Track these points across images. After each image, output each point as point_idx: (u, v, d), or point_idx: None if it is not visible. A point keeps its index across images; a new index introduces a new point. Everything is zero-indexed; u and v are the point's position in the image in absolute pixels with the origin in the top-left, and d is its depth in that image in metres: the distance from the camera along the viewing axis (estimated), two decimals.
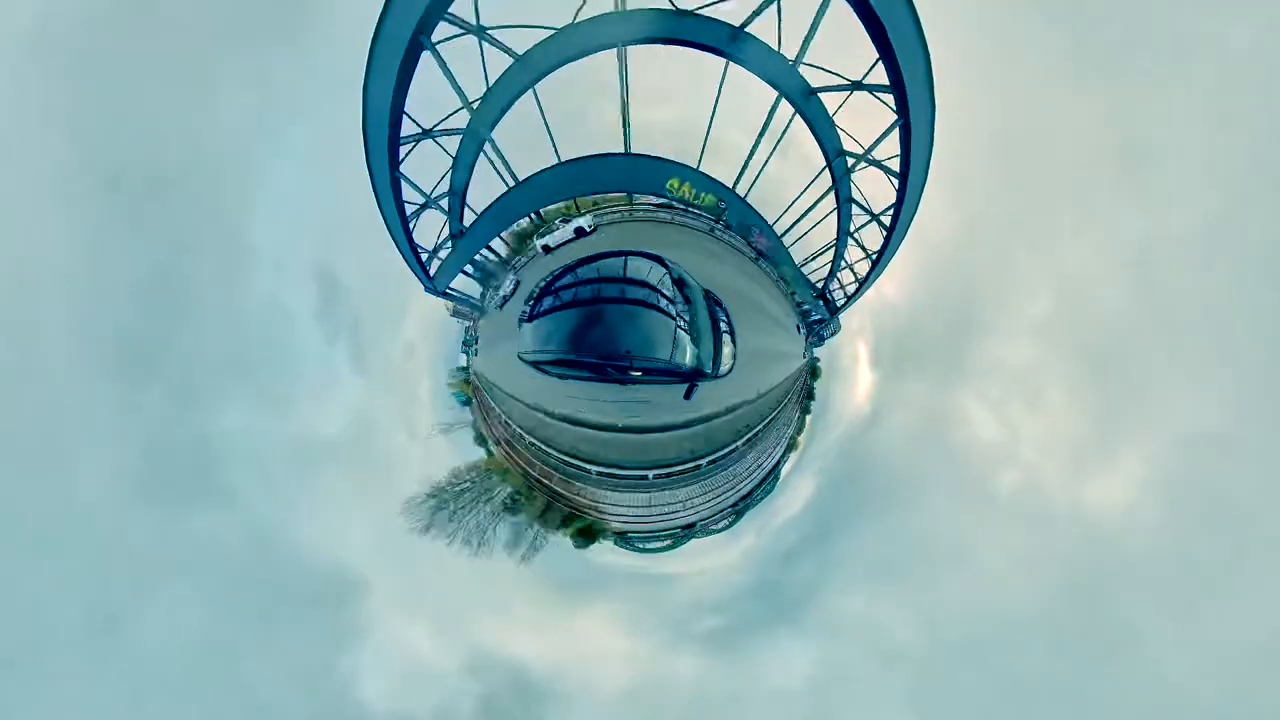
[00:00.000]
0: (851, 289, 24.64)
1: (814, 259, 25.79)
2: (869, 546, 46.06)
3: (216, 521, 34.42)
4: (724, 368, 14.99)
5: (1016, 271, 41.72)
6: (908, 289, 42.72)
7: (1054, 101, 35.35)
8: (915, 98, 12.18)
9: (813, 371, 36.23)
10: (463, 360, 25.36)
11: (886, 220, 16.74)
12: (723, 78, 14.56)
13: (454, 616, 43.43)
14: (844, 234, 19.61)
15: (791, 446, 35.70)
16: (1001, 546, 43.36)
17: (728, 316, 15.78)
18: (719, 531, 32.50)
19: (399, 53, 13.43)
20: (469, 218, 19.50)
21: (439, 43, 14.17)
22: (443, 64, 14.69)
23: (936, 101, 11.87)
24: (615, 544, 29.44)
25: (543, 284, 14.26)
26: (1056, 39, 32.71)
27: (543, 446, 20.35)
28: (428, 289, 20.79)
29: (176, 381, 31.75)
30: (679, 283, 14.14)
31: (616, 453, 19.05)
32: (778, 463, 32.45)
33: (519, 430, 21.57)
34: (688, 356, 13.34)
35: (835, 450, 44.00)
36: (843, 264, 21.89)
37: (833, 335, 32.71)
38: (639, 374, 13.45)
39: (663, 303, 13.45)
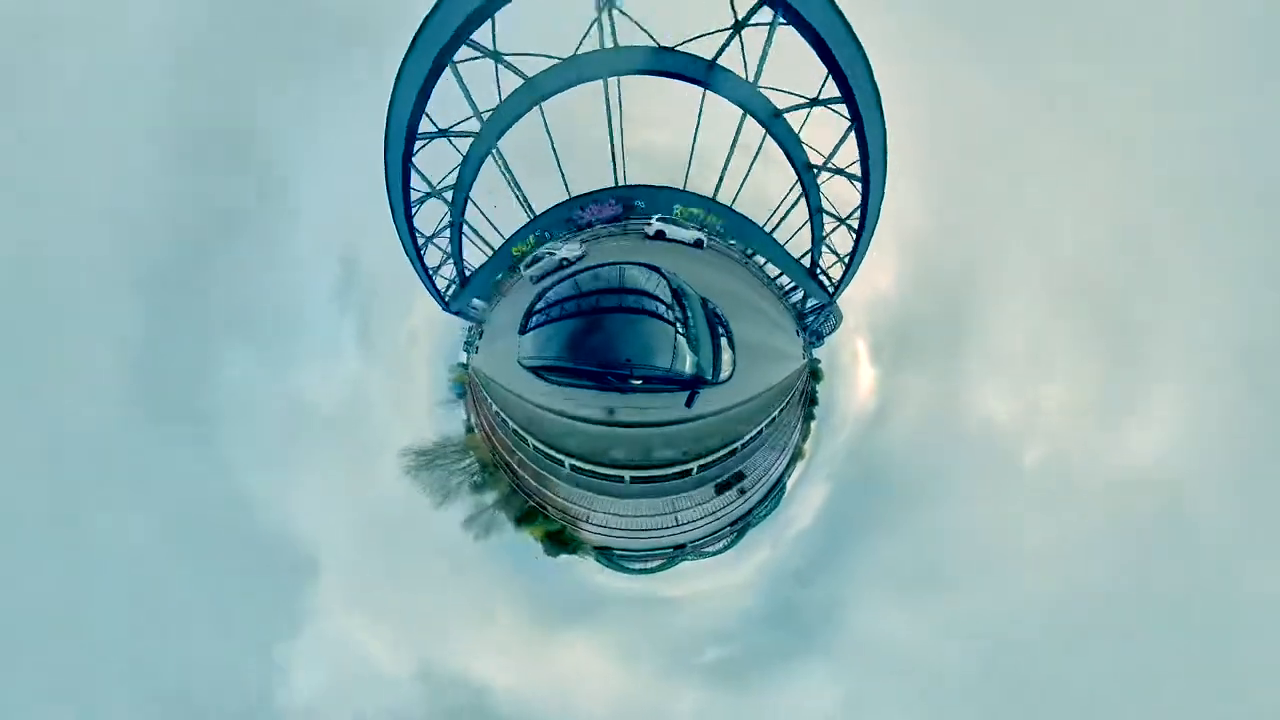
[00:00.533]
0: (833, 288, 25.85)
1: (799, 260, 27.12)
2: (894, 553, 42.29)
3: (190, 453, 33.51)
4: (724, 374, 15.19)
5: (1000, 248, 40.78)
6: (899, 283, 42.06)
7: (997, 90, 36.07)
8: (864, 102, 13.69)
9: (814, 374, 34.54)
10: (463, 357, 26.75)
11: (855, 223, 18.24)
12: (701, 104, 16.41)
13: (417, 622, 40.14)
14: (818, 242, 21.12)
15: (797, 456, 33.18)
16: (1042, 527, 39.62)
17: (725, 322, 16.25)
18: (716, 554, 29.87)
19: (424, 69, 15.43)
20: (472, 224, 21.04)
21: (460, 62, 16.15)
22: (460, 80, 16.76)
23: (883, 101, 13.45)
24: (597, 560, 27.63)
25: (542, 294, 14.95)
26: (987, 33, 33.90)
27: (522, 434, 20.20)
28: (444, 309, 23.62)
29: (193, 312, 32.38)
30: (677, 292, 14.64)
31: (589, 445, 18.52)
32: (782, 475, 29.88)
33: (503, 417, 21.45)
34: (687, 364, 13.64)
35: (844, 453, 41.68)
36: (820, 269, 23.23)
37: (833, 331, 32.76)
38: (639, 382, 13.66)
39: (661, 310, 13.98)
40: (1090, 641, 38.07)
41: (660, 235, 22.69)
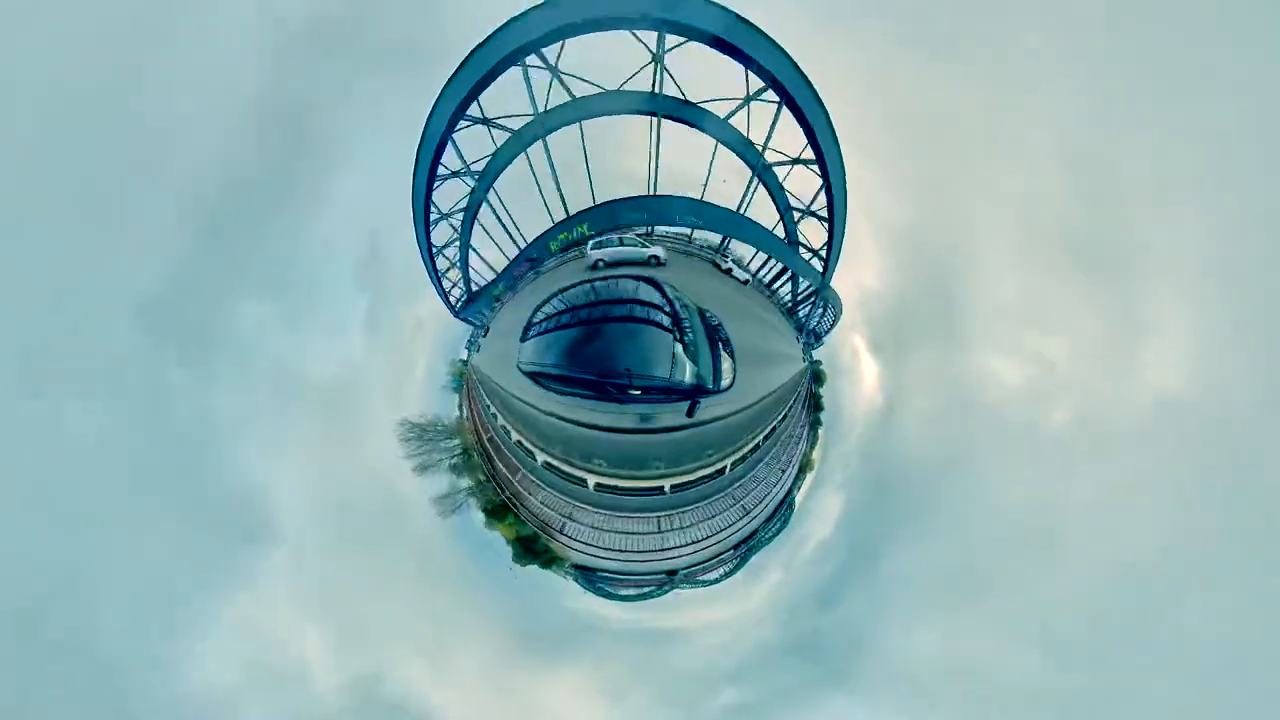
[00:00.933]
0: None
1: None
2: (924, 559, 37.11)
3: (180, 375, 31.44)
4: (724, 382, 15.46)
5: (974, 222, 38.14)
6: (885, 277, 40.12)
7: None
8: (833, 170, 17.26)
9: (816, 377, 33.02)
10: (464, 354, 28.60)
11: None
12: (714, 153, 19.94)
13: (365, 628, 34.95)
14: (797, 269, 24.11)
15: (805, 468, 30.99)
16: (1083, 488, 34.69)
17: (723, 330, 16.82)
18: (713, 582, 27.19)
19: (441, 125, 18.69)
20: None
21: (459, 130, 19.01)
22: (458, 150, 19.79)
23: (846, 171, 17.06)
24: (575, 580, 25.79)
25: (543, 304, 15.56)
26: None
27: (504, 424, 20.54)
28: (453, 314, 26.50)
29: (233, 258, 31.83)
30: (675, 302, 15.32)
31: (561, 445, 18.31)
32: (790, 490, 27.59)
33: (492, 410, 21.84)
34: (686, 373, 13.91)
35: (857, 455, 38.28)
36: (802, 286, 26.26)
37: (835, 324, 32.44)
38: (638, 392, 13.90)
39: (661, 320, 14.61)
40: (1171, 611, 31.82)
41: (600, 264, 21.23)
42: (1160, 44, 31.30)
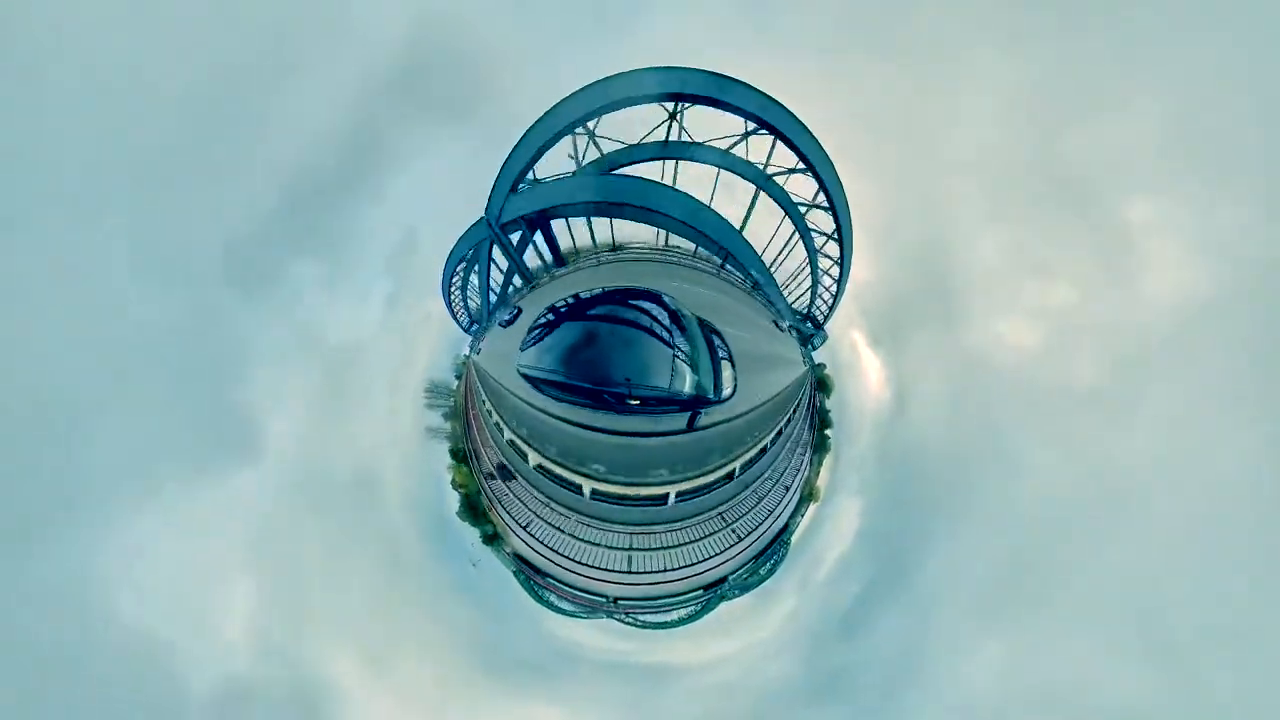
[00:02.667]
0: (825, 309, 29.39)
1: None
2: (972, 560, 32.03)
3: (229, 302, 32.27)
4: (725, 392, 16.09)
5: (943, 192, 36.28)
6: (875, 266, 37.54)
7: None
8: (828, 180, 21.77)
9: (821, 384, 30.99)
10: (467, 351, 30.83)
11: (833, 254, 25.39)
12: (716, 177, 23.63)
13: (302, 603, 31.90)
14: (816, 269, 26.74)
15: (808, 497, 28.23)
16: (1154, 437, 29.74)
17: (724, 341, 17.45)
18: (670, 626, 24.65)
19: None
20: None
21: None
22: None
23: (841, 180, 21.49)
24: (516, 578, 25.56)
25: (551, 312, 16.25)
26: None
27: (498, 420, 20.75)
28: (465, 331, 28.51)
29: (300, 217, 33.32)
30: (676, 315, 16.04)
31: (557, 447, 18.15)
32: (788, 524, 25.24)
33: (487, 405, 22.61)
34: (686, 382, 14.48)
35: (872, 456, 35.05)
36: (820, 289, 28.07)
37: (822, 343, 32.03)
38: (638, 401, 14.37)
39: (660, 331, 15.10)
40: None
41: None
42: None
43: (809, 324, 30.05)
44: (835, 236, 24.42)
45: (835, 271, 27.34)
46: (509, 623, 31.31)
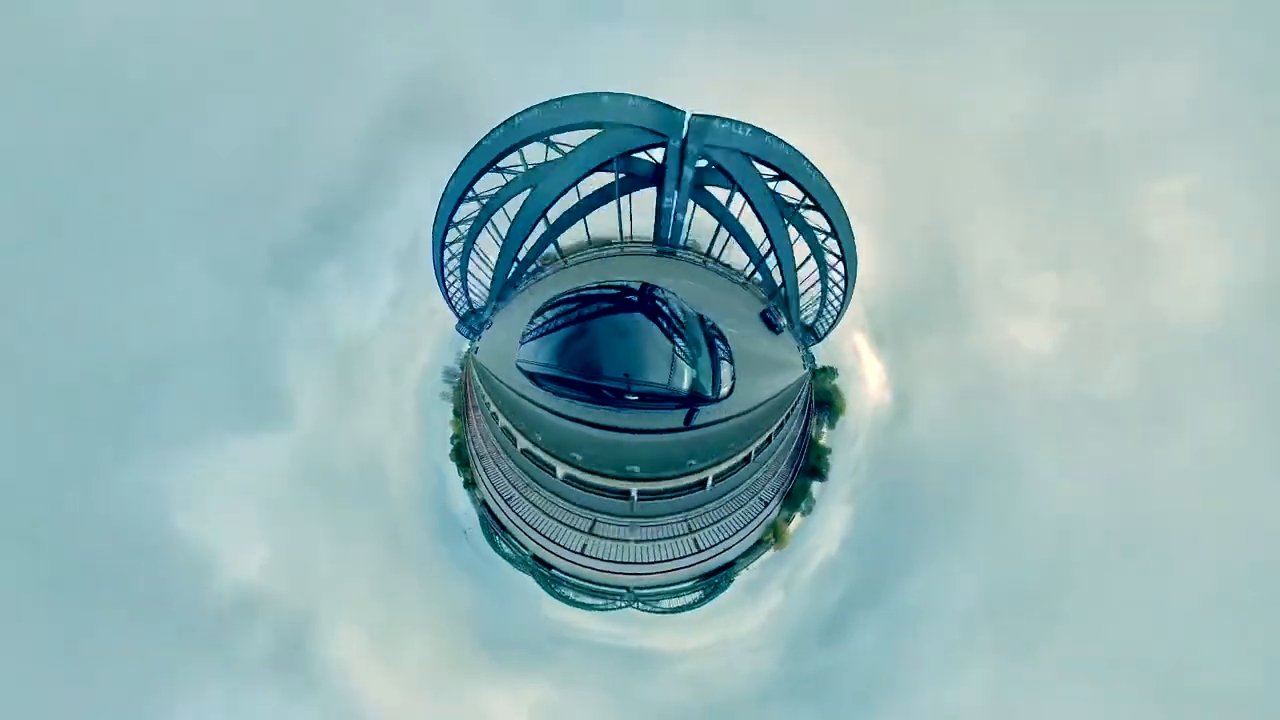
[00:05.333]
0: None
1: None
2: (967, 580, 30.39)
3: (268, 290, 35.93)
4: (724, 390, 16.02)
5: (945, 183, 34.21)
6: (875, 267, 33.33)
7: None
8: (838, 224, 21.01)
9: (827, 402, 28.98)
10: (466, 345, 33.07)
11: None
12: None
13: (309, 568, 34.65)
14: (825, 287, 26.22)
15: (770, 538, 25.38)
16: (1189, 455, 26.75)
17: (724, 339, 17.35)
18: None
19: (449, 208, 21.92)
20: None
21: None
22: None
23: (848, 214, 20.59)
24: (482, 530, 28.89)
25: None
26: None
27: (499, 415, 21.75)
28: (460, 321, 29.12)
29: (331, 216, 36.74)
30: (676, 312, 16.02)
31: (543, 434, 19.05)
32: (734, 562, 23.57)
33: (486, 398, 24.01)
34: (684, 379, 14.77)
35: (866, 461, 33.12)
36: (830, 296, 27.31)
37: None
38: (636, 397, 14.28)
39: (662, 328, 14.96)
40: None
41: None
42: None
43: (810, 335, 29.23)
44: (839, 254, 23.61)
45: (837, 287, 26.29)
46: (504, 607, 32.96)
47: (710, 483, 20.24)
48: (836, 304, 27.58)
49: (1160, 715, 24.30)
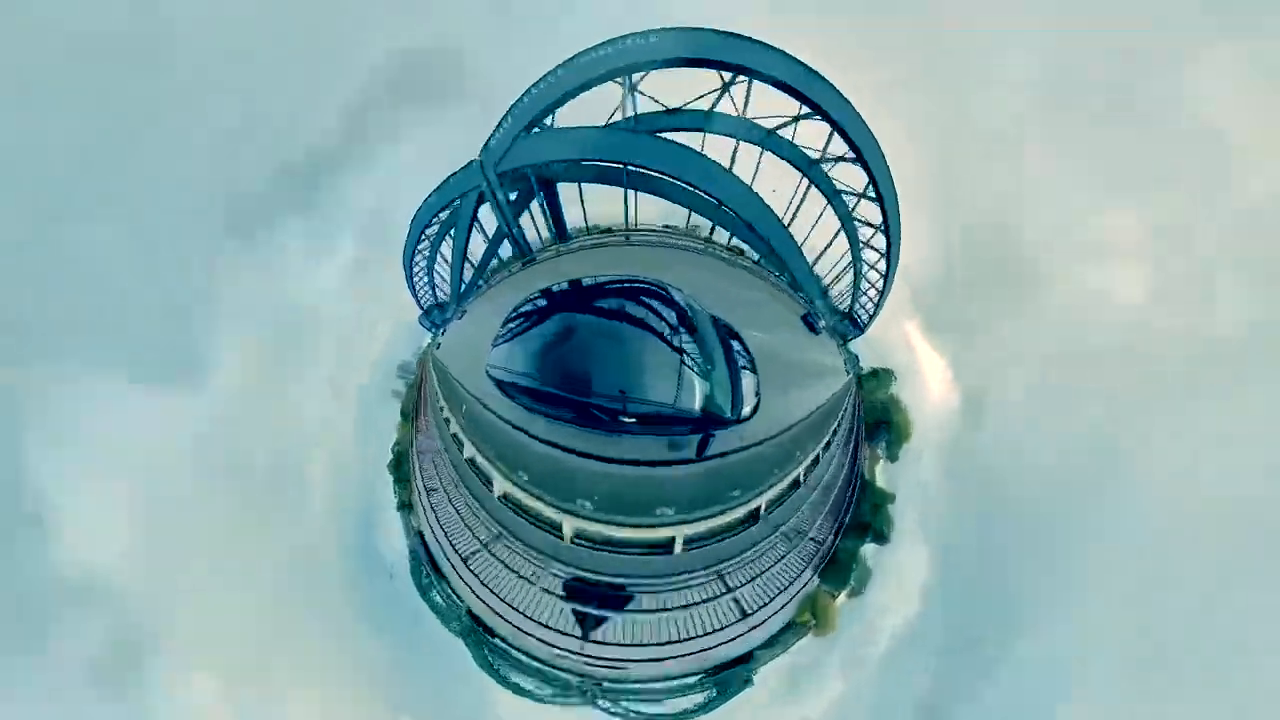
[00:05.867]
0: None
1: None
2: (1104, 622, 23.51)
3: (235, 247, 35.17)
4: (746, 409, 14.43)
5: (992, 138, 31.35)
6: (925, 246, 31.30)
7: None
8: (876, 168, 17.29)
9: (882, 421, 24.55)
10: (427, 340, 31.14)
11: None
12: (759, 157, 19.51)
13: (189, 568, 29.98)
14: (858, 259, 22.02)
15: (809, 617, 21.19)
16: None
17: (743, 342, 15.79)
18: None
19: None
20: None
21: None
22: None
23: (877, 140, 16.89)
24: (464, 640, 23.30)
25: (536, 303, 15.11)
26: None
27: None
28: (423, 314, 26.75)
29: (309, 178, 36.76)
30: (685, 313, 14.45)
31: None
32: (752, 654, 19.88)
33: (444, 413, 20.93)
34: (695, 397, 13.12)
35: (934, 484, 26.94)
36: (863, 280, 23.26)
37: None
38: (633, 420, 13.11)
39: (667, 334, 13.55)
40: None
41: None
42: None
43: (848, 323, 24.79)
44: (882, 228, 19.58)
45: (880, 266, 21.98)
46: (433, 676, 26.91)
47: (762, 511, 16.60)
48: (877, 283, 22.99)
49: None
